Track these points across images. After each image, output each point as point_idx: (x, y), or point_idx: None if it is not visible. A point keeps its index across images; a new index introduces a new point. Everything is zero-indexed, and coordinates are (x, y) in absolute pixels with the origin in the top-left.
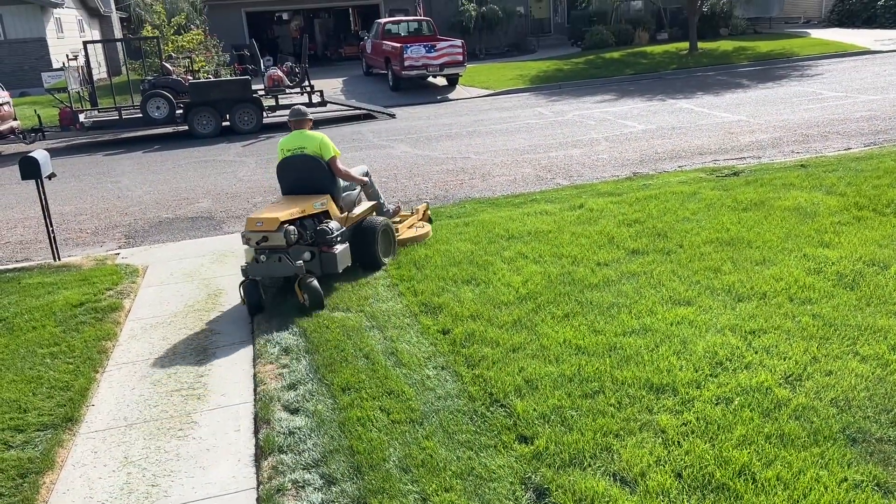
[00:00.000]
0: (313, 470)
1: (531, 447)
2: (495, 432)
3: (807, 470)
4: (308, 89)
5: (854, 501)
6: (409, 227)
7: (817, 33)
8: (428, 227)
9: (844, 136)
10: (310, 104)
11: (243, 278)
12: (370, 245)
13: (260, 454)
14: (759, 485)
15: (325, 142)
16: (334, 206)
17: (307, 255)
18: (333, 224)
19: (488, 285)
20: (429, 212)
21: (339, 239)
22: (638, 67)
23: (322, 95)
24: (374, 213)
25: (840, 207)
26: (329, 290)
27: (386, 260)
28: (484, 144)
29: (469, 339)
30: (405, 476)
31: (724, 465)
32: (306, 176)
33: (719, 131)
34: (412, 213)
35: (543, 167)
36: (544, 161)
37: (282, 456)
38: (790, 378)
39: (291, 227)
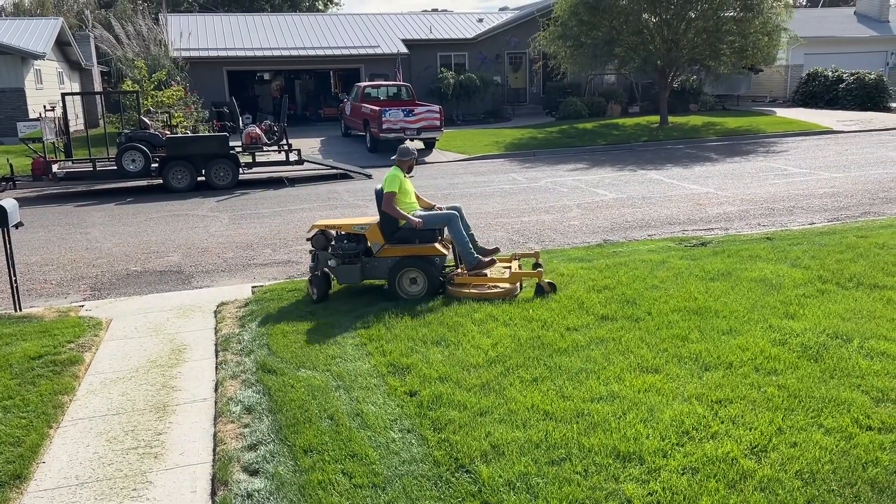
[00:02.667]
0: None
1: None
2: (459, 499)
3: None
4: (286, 147)
5: None
6: (490, 280)
7: (783, 112)
8: (511, 285)
9: (809, 211)
10: (287, 162)
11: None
12: (391, 279)
13: None
14: None
15: (389, 178)
16: (378, 232)
17: (332, 262)
18: (351, 244)
19: (458, 347)
20: (539, 263)
21: (342, 257)
22: (610, 138)
23: (299, 154)
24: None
25: (804, 280)
26: (296, 347)
27: (407, 295)
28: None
29: (436, 401)
30: None
31: None
32: (377, 203)
33: (688, 202)
34: (512, 258)
35: (516, 231)
36: (517, 225)
37: None
38: (756, 449)
39: (321, 235)
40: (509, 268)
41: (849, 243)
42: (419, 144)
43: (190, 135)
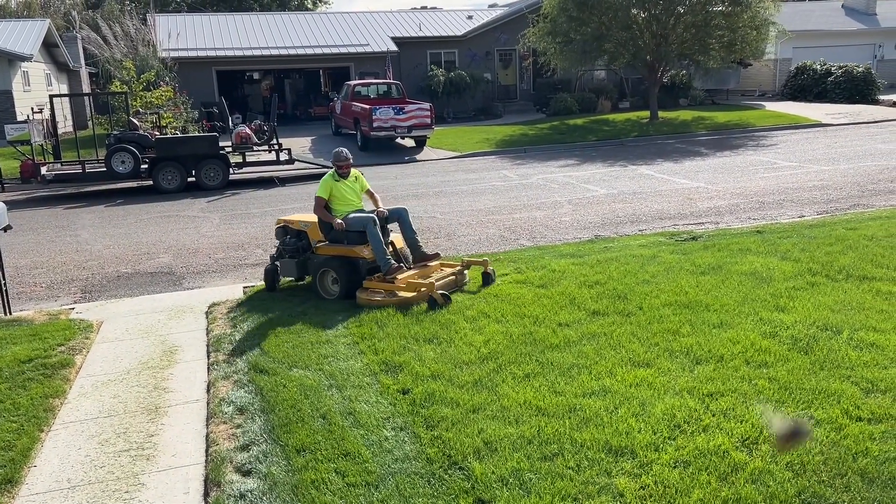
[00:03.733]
0: None
1: None
2: (453, 496)
3: None
4: (276, 147)
5: None
6: (416, 282)
7: (772, 106)
8: (411, 294)
9: (798, 204)
10: (277, 162)
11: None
12: (314, 276)
13: None
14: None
15: (321, 182)
16: (318, 231)
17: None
18: (293, 240)
19: (450, 344)
20: (488, 273)
21: (286, 252)
22: (600, 134)
23: (290, 153)
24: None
25: (794, 273)
26: (288, 346)
27: (328, 295)
28: (450, 204)
29: (429, 399)
30: None
31: None
32: None
33: (678, 197)
34: (462, 263)
35: (508, 228)
36: (508, 222)
37: None
38: (747, 441)
39: (281, 229)
40: (454, 274)
41: (838, 236)
42: (410, 142)
43: (179, 135)
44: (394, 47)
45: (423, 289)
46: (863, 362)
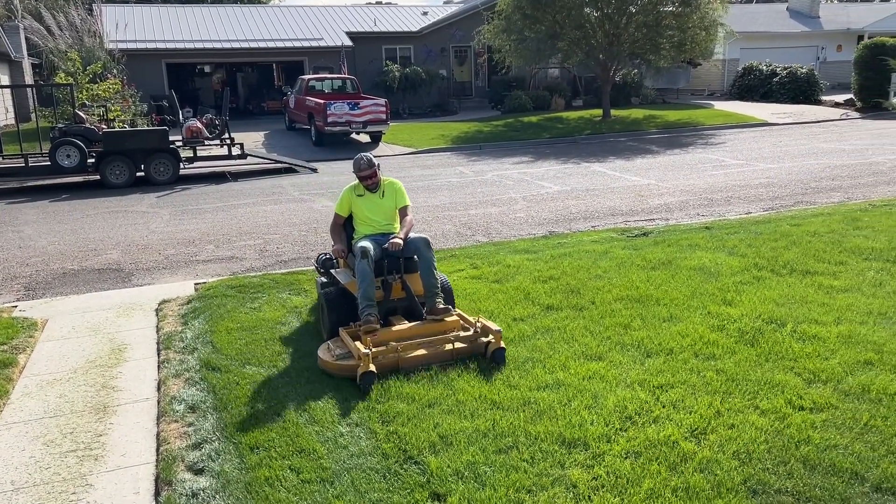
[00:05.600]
0: None
1: None
2: (408, 490)
3: None
4: (228, 141)
5: None
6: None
7: (720, 105)
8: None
9: (745, 201)
10: (229, 157)
11: None
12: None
13: None
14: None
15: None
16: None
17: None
18: (328, 259)
19: None
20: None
21: (318, 269)
22: (554, 132)
23: (242, 148)
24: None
25: (741, 268)
26: (241, 344)
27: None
28: None
29: (384, 394)
30: None
31: None
32: None
33: (630, 194)
34: (477, 323)
35: (463, 224)
36: (464, 218)
37: None
38: (695, 432)
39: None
40: (459, 340)
41: (783, 231)
42: (365, 138)
43: (128, 129)
44: (348, 42)
45: (360, 358)
46: (805, 354)
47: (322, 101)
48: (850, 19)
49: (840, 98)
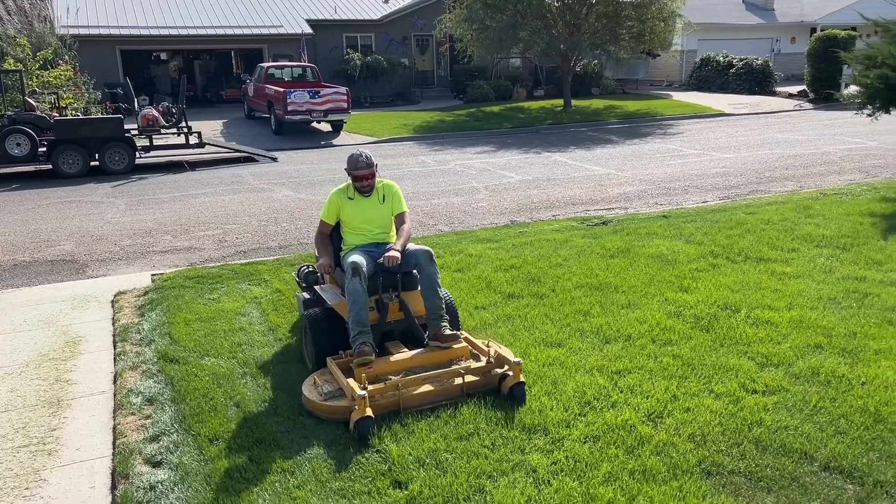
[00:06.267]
0: None
1: (405, 492)
2: (370, 478)
3: (667, 503)
4: (185, 130)
5: None
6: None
7: (679, 95)
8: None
9: (702, 190)
10: (187, 145)
11: None
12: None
13: None
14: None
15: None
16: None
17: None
18: (311, 273)
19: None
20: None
21: (300, 283)
22: (516, 121)
23: (200, 137)
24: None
25: (697, 255)
26: (199, 335)
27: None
28: None
29: None
30: None
31: (590, 502)
32: None
33: (590, 183)
34: (488, 346)
35: (426, 213)
36: (427, 208)
37: None
38: (652, 416)
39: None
40: (468, 373)
41: (738, 220)
42: (326, 127)
43: (81, 117)
44: (308, 30)
45: (355, 399)
46: (758, 338)
47: (282, 90)
48: (803, 12)
49: (794, 89)
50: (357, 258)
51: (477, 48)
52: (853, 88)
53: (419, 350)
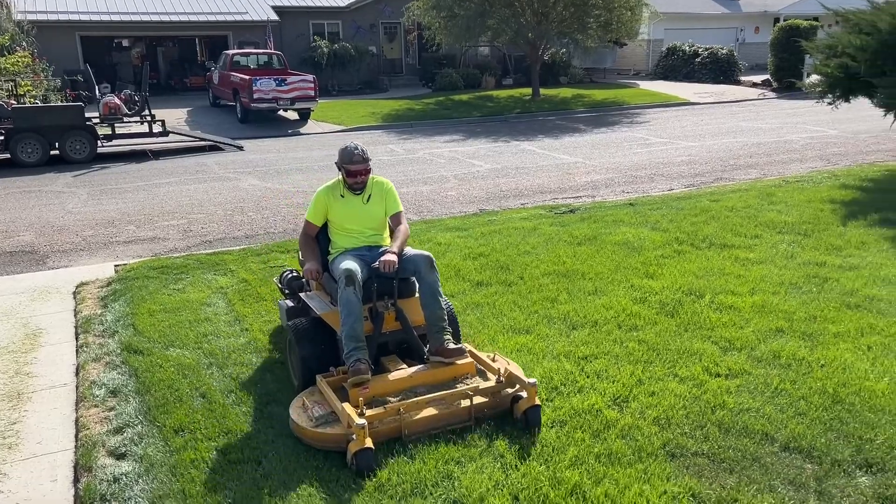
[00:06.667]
0: None
1: (374, 480)
2: (337, 467)
3: (631, 485)
4: (148, 118)
5: None
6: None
7: (645, 84)
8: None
9: (668, 178)
10: (150, 134)
11: None
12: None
13: None
14: (589, 502)
15: (313, 197)
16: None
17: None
18: (295, 278)
19: None
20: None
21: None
22: (485, 110)
23: (164, 125)
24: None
25: (663, 242)
26: (164, 326)
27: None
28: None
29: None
30: None
31: (557, 486)
32: None
33: (558, 172)
34: (494, 362)
35: None
36: None
37: None
38: (618, 400)
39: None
40: (477, 393)
41: (702, 207)
42: (293, 115)
43: (40, 105)
44: (274, 16)
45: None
46: (722, 323)
47: (248, 77)
48: (767, 2)
49: (758, 78)
50: (350, 264)
51: (445, 36)
52: (815, 77)
53: (420, 367)
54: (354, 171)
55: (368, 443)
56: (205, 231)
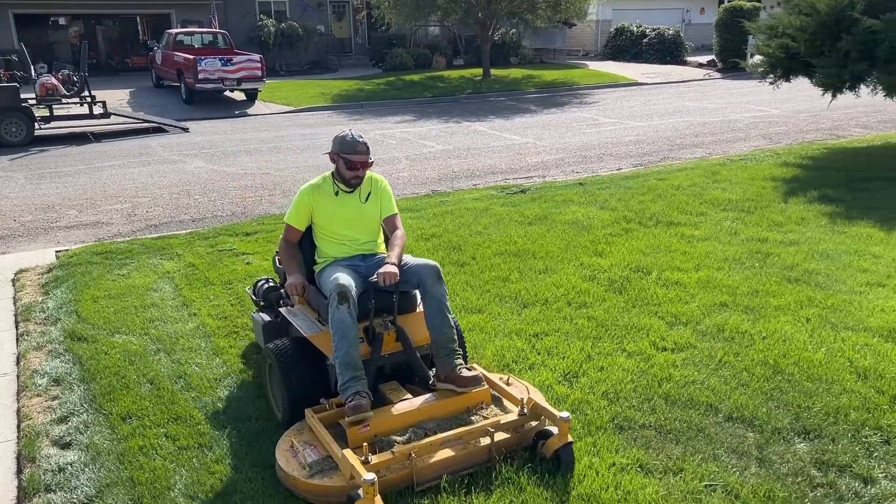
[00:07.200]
0: None
1: None
2: None
3: (581, 458)
4: (88, 100)
5: (620, 483)
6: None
7: (594, 65)
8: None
9: (616, 158)
10: (90, 116)
11: None
12: (264, 353)
13: (23, 496)
14: (541, 476)
15: (296, 195)
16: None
17: None
18: (271, 289)
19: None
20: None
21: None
22: (436, 90)
23: (105, 106)
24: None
25: (611, 221)
26: (109, 312)
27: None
28: (285, 160)
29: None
30: (192, 503)
31: None
32: None
33: (509, 152)
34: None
35: None
36: None
37: (49, 495)
38: (568, 375)
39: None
40: (498, 429)
41: (650, 186)
42: (240, 96)
43: None
44: None
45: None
46: (668, 299)
47: (192, 57)
48: None
49: (703, 59)
50: (343, 277)
51: (394, 15)
52: (757, 58)
53: (427, 396)
54: (357, 162)
55: (378, 502)
56: (150, 215)
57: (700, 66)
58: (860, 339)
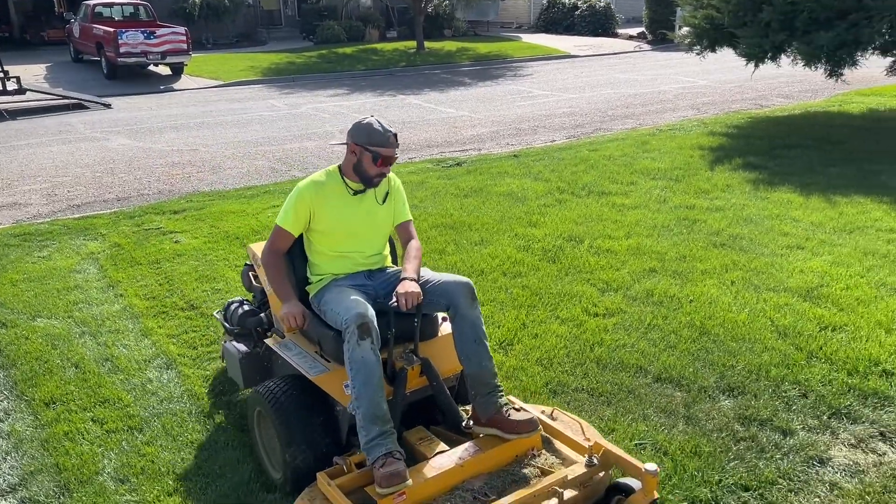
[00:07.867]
0: (10, 495)
1: None
2: (223, 430)
3: None
4: (0, 75)
5: None
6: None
7: (527, 38)
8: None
9: (550, 130)
10: (4, 92)
11: None
12: (249, 411)
13: None
14: None
15: (292, 192)
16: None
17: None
18: (248, 313)
19: (226, 281)
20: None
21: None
22: (369, 64)
23: (19, 82)
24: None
25: (545, 191)
26: (29, 295)
27: (271, 468)
28: (214, 136)
29: (203, 338)
30: (122, 486)
31: None
32: None
33: (445, 126)
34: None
35: (278, 159)
36: (279, 153)
37: None
38: (504, 343)
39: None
40: (562, 454)
41: (582, 157)
42: (165, 70)
43: None
44: None
45: None
46: (600, 266)
47: (112, 30)
48: None
49: (634, 31)
50: (360, 304)
51: None
52: (685, 30)
53: (467, 446)
54: (388, 157)
55: None
56: (71, 195)
57: (630, 38)
58: (781, 300)
